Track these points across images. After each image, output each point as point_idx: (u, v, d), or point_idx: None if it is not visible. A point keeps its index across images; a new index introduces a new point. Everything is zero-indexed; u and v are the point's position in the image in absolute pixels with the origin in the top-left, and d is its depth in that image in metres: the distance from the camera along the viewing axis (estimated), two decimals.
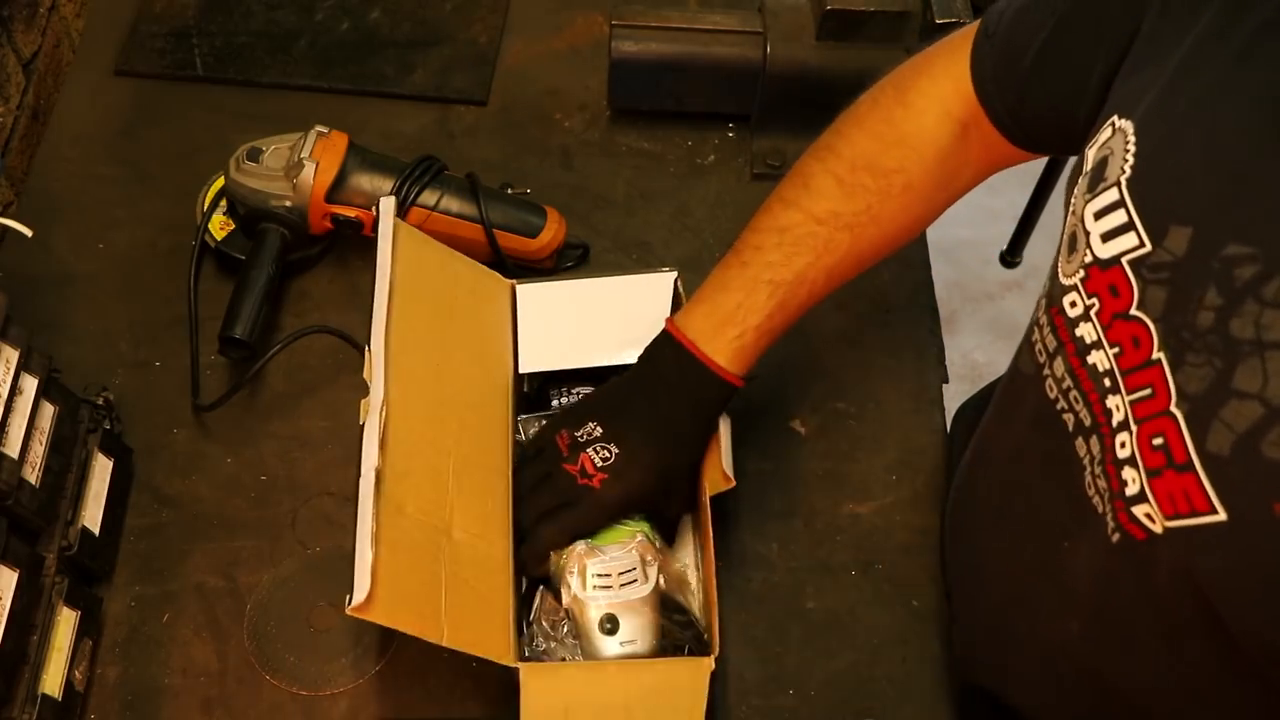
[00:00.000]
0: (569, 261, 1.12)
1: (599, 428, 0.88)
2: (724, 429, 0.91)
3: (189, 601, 0.94)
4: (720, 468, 0.89)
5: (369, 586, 0.75)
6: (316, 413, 1.03)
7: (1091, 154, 0.69)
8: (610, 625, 0.85)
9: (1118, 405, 0.65)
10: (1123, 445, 0.64)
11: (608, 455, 0.87)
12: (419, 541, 0.81)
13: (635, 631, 0.86)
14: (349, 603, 0.75)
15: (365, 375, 0.85)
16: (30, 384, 0.86)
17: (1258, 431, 0.56)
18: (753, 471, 1.01)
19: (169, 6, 1.26)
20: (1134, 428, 0.63)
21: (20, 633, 0.82)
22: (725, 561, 0.97)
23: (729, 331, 0.86)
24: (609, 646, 0.85)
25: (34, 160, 1.18)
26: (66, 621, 0.86)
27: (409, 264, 0.91)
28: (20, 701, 0.81)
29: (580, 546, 0.87)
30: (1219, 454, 0.58)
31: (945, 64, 0.85)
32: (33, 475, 0.85)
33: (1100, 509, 0.67)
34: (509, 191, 1.12)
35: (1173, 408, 0.60)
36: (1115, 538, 0.65)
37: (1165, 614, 0.65)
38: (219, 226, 1.08)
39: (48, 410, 0.88)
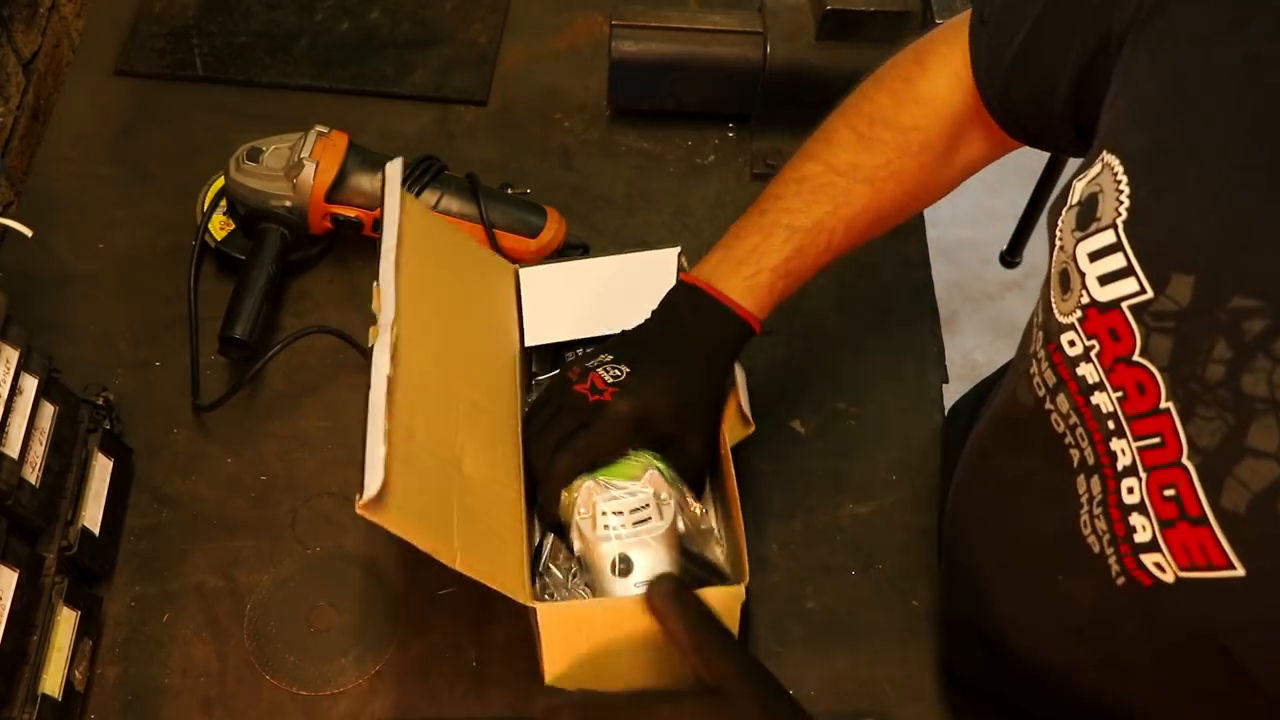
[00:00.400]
0: None
1: (610, 355, 0.87)
2: (740, 376, 0.89)
3: (189, 601, 0.94)
4: (738, 414, 0.87)
5: (381, 480, 0.69)
6: (316, 413, 1.03)
7: (1080, 187, 0.67)
8: (624, 565, 0.80)
9: (1123, 449, 0.64)
10: (1130, 491, 0.63)
11: (618, 373, 0.85)
12: (430, 466, 0.77)
13: (651, 571, 0.80)
14: (358, 500, 0.70)
15: (374, 307, 0.81)
16: (30, 384, 0.86)
17: (1274, 492, 0.56)
18: (753, 472, 1.01)
19: (169, 6, 1.26)
20: (1143, 475, 0.62)
21: (20, 633, 0.82)
22: None
23: (744, 270, 0.86)
24: (623, 589, 0.80)
25: (34, 160, 1.18)
26: (66, 621, 0.86)
27: (416, 223, 0.89)
28: (20, 701, 0.81)
29: (589, 483, 0.83)
30: (1234, 511, 0.57)
31: (960, 34, 0.85)
32: (33, 475, 0.85)
33: (1097, 549, 0.66)
34: (509, 191, 1.12)
35: (1184, 460, 0.59)
36: (1120, 581, 0.65)
37: (1172, 652, 0.65)
38: (219, 226, 1.08)
39: (48, 410, 0.88)
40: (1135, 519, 0.63)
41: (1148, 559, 0.62)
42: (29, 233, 0.91)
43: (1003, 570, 0.79)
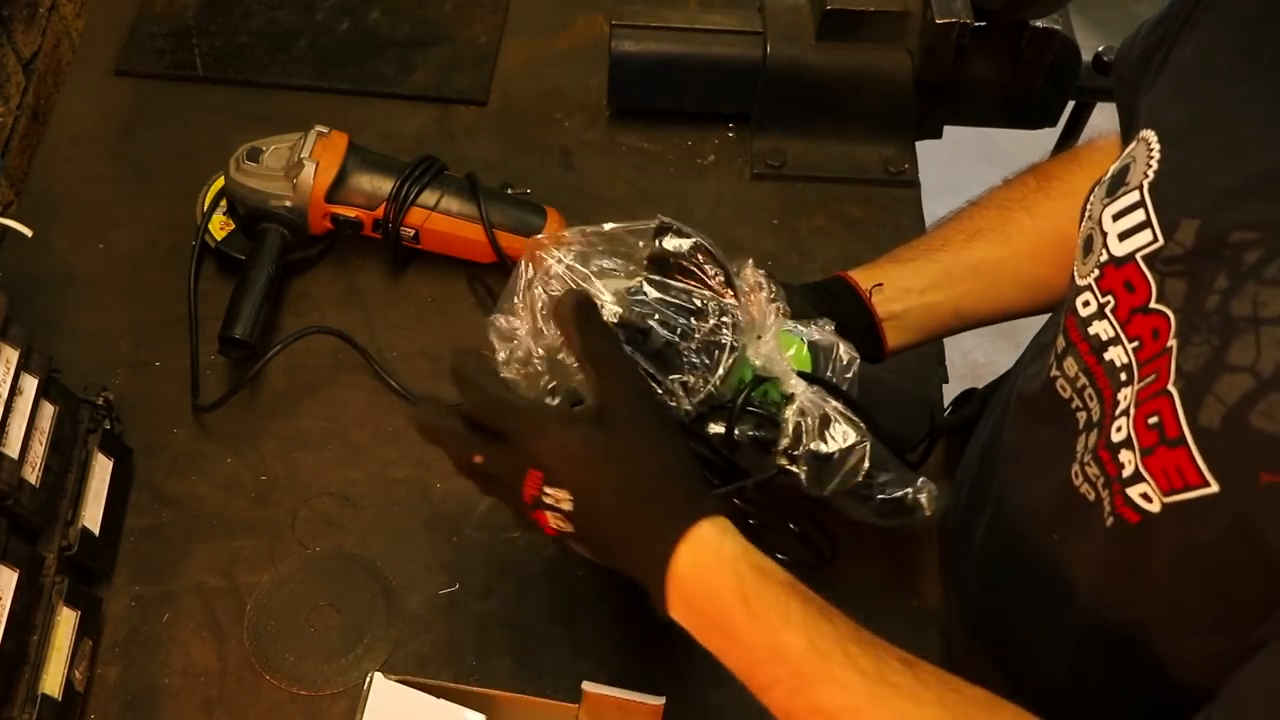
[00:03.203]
0: None
1: None
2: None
3: (189, 601, 0.94)
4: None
5: None
6: (316, 413, 1.03)
7: (1113, 167, 0.70)
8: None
9: (1125, 395, 0.65)
10: (1119, 430, 0.65)
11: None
12: None
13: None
14: None
15: None
16: (30, 384, 0.86)
17: (1247, 403, 0.57)
18: None
19: (169, 6, 1.26)
20: (1132, 412, 0.64)
21: (20, 633, 0.82)
22: None
23: (908, 297, 0.91)
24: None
25: (34, 160, 1.18)
26: (66, 621, 0.86)
27: None
28: (20, 701, 0.81)
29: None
30: (1209, 427, 0.59)
31: (1112, 145, 0.89)
32: (33, 475, 0.85)
33: (1092, 496, 0.68)
34: (509, 191, 1.12)
35: (1170, 386, 0.61)
36: (1109, 522, 0.66)
37: (1163, 598, 0.66)
38: (219, 226, 1.08)
39: (48, 410, 0.88)
40: (1123, 455, 0.64)
41: (1134, 491, 0.63)
42: (29, 233, 0.91)
43: (1005, 548, 0.80)
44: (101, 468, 0.93)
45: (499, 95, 1.24)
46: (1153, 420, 0.62)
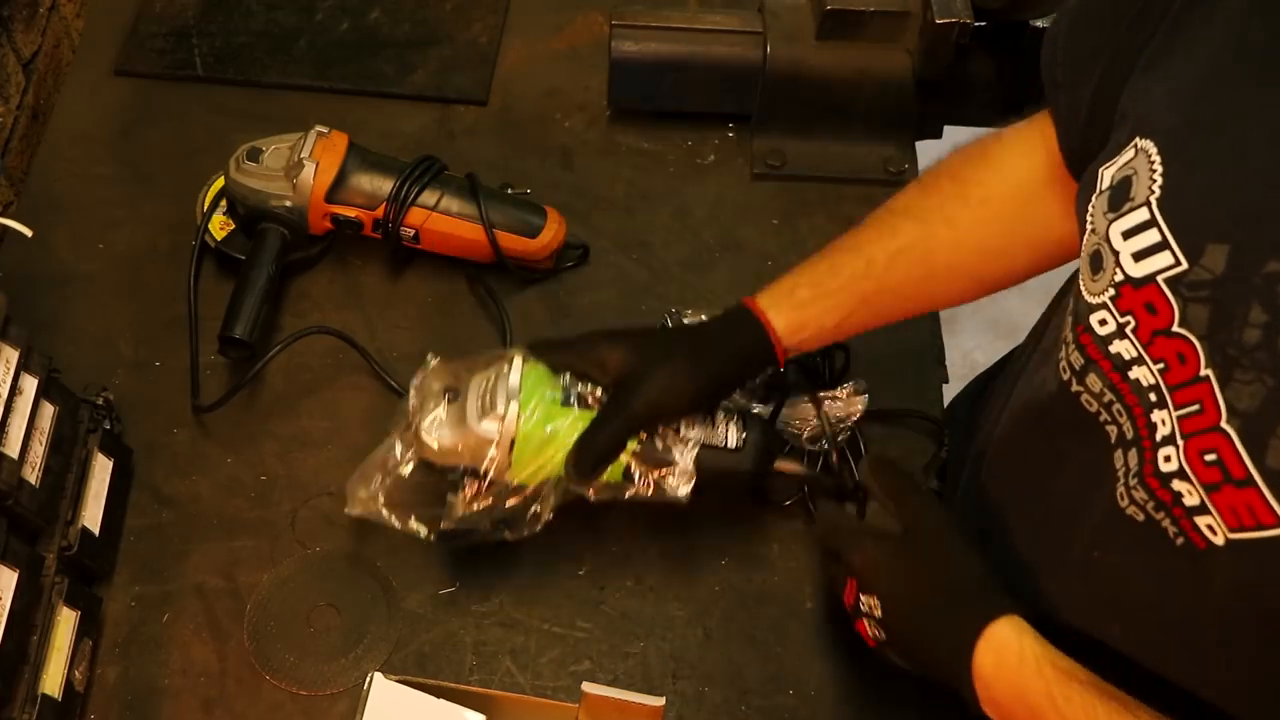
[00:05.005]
0: (569, 261, 1.12)
1: None
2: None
3: (189, 601, 0.94)
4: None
5: None
6: (316, 413, 1.03)
7: (1109, 173, 0.69)
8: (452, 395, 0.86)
9: (1163, 420, 0.65)
10: (1167, 459, 0.64)
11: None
12: None
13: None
14: None
15: None
16: (30, 384, 0.86)
17: None
18: None
19: (169, 6, 1.26)
20: (1180, 442, 0.63)
21: (20, 633, 0.82)
22: (725, 561, 0.98)
23: (775, 284, 0.90)
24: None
25: (34, 160, 1.18)
26: (66, 621, 0.86)
27: None
28: (20, 701, 0.81)
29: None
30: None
31: (1042, 119, 0.86)
32: (33, 475, 0.85)
33: (1141, 518, 0.67)
34: (509, 191, 1.12)
35: (1224, 424, 0.61)
36: (1179, 542, 0.66)
37: (1222, 620, 0.66)
38: (219, 226, 1.08)
39: (48, 410, 0.88)
40: (1178, 485, 0.64)
41: (1200, 521, 0.63)
42: (29, 233, 0.91)
43: (1035, 556, 0.80)
44: (101, 468, 0.93)
45: (499, 95, 1.24)
46: (1210, 457, 0.61)
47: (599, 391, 0.87)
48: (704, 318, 1.03)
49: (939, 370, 1.09)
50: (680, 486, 0.88)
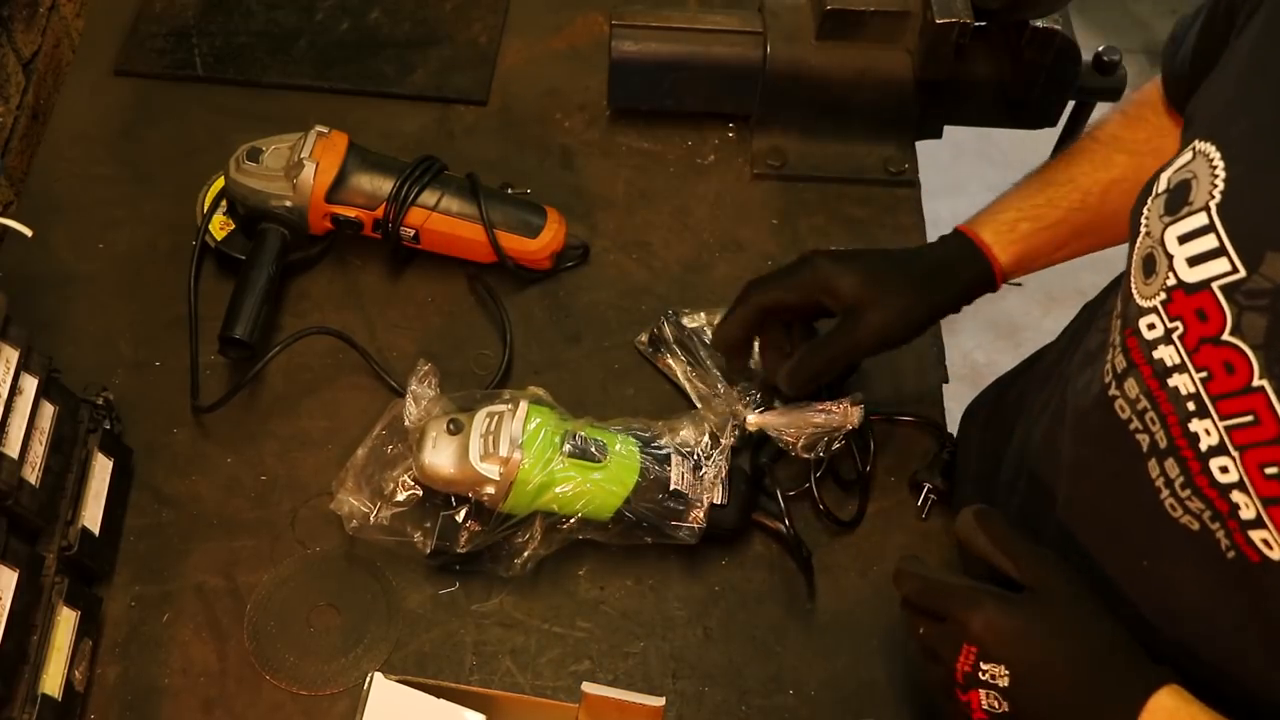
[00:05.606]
0: (569, 261, 1.12)
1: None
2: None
3: (189, 601, 0.94)
4: None
5: None
6: (316, 413, 1.03)
7: (1168, 175, 0.68)
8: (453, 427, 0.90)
9: (1207, 429, 0.64)
10: (1224, 470, 0.63)
11: None
12: None
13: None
14: None
15: None
16: (30, 384, 0.86)
17: None
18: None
19: (169, 6, 1.26)
20: (1235, 453, 0.62)
21: (20, 633, 0.82)
22: (725, 561, 0.98)
23: (992, 211, 0.92)
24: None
25: (34, 160, 1.18)
26: (66, 621, 0.86)
27: None
28: (20, 701, 0.81)
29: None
30: None
31: None
32: (33, 475, 0.85)
33: (1196, 527, 0.66)
34: (509, 191, 1.12)
35: None
36: (1230, 555, 0.65)
37: (1267, 634, 0.65)
38: (219, 226, 1.08)
39: (48, 410, 0.88)
40: (1236, 496, 0.63)
41: (1255, 535, 0.62)
42: (29, 233, 0.91)
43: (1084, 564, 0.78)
44: (101, 468, 0.93)
45: (499, 95, 1.24)
46: (1271, 470, 0.60)
47: (601, 441, 0.91)
48: (704, 318, 1.03)
49: (939, 370, 1.09)
50: (687, 538, 0.93)
